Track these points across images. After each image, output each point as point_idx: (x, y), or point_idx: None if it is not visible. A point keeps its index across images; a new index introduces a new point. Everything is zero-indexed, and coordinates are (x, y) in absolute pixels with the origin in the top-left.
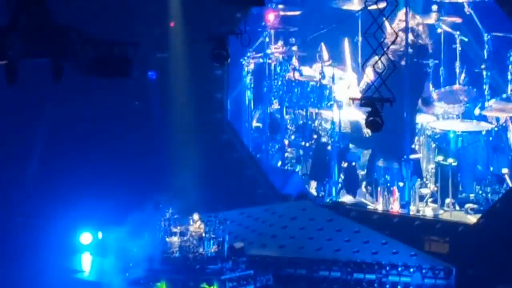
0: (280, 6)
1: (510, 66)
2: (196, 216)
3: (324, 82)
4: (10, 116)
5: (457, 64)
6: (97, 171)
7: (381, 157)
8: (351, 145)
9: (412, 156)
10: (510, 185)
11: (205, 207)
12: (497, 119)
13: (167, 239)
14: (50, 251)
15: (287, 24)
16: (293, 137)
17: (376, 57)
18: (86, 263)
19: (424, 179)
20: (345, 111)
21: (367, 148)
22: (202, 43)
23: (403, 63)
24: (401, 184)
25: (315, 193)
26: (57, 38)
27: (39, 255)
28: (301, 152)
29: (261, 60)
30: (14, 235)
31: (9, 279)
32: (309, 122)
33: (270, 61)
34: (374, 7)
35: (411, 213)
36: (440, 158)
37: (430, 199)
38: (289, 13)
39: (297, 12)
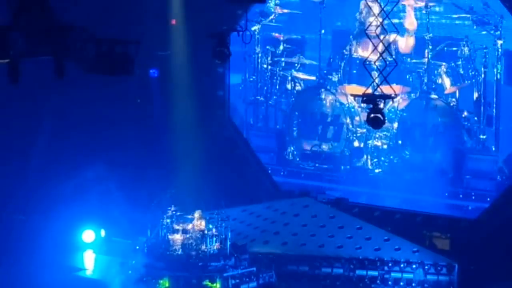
0: None
1: None
2: (198, 214)
3: None
4: (12, 114)
5: None
6: (99, 169)
7: None
8: None
9: None
10: None
11: (207, 204)
12: None
13: (169, 236)
14: (53, 248)
15: None
16: None
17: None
18: (88, 260)
19: None
20: None
21: None
22: (204, 41)
23: None
24: None
25: None
26: (59, 36)
27: (41, 252)
28: None
29: None
30: (15, 232)
31: (11, 276)
32: None
33: None
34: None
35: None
36: None
37: None
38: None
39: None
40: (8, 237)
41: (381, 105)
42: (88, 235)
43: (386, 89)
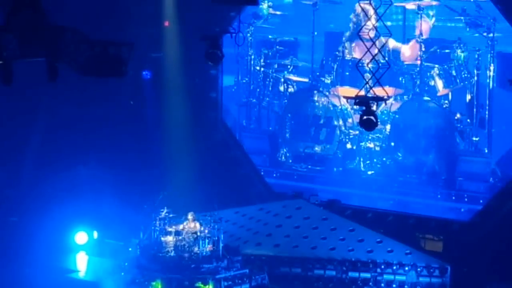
0: None
1: None
2: (191, 216)
3: None
4: (4, 117)
5: None
6: (92, 171)
7: None
8: None
9: None
10: None
11: (200, 206)
12: None
13: (162, 238)
14: (45, 250)
15: None
16: None
17: None
18: (81, 262)
19: None
20: None
21: None
22: (197, 42)
23: None
24: None
25: None
26: (52, 38)
27: (33, 254)
28: None
29: None
30: (8, 234)
31: (3, 278)
32: None
33: None
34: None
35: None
36: None
37: None
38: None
39: None
40: (0, 238)
41: (374, 107)
42: (80, 237)
43: (378, 91)
